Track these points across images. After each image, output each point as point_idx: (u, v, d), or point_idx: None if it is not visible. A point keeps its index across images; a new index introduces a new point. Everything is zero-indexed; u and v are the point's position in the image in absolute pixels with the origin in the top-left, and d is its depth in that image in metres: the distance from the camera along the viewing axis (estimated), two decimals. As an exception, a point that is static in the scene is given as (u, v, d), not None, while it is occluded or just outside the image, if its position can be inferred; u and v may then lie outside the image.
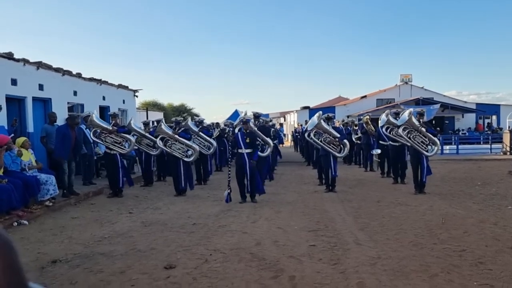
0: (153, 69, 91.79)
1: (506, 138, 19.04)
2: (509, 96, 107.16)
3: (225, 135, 14.38)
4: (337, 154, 9.35)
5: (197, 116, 16.51)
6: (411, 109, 9.64)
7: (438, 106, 27.62)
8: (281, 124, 41.10)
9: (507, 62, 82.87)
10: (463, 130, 33.30)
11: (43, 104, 11.16)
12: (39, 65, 10.84)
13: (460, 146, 20.59)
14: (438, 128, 22.25)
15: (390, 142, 10.70)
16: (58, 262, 4.77)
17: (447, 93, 40.88)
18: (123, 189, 9.23)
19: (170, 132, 9.42)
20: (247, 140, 8.08)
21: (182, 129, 9.76)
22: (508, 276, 4.08)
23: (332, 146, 9.28)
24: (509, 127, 22.98)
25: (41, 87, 10.88)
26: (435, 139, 9.00)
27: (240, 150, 8.13)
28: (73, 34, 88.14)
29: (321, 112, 9.82)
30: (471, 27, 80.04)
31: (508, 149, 18.60)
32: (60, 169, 8.44)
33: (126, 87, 16.81)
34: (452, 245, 5.15)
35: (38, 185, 7.47)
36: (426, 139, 8.92)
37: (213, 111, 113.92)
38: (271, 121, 17.86)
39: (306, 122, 18.17)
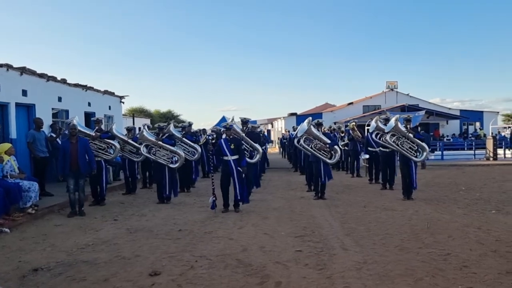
0: (140, 75, 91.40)
1: (489, 144, 19.35)
2: (492, 103, 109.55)
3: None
4: (328, 161, 9.23)
5: (183, 122, 16.32)
6: (398, 116, 9.68)
7: (423, 112, 28.00)
8: (268, 131, 41.13)
9: (490, 70, 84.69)
10: (447, 136, 33.81)
11: (27, 110, 10.99)
12: (23, 70, 10.69)
13: (444, 152, 20.85)
14: (426, 134, 22.49)
15: (380, 148, 10.73)
16: (40, 271, 4.67)
17: (431, 100, 41.59)
18: (105, 197, 9.08)
19: (153, 138, 9.26)
20: (232, 147, 7.93)
21: (166, 135, 9.63)
22: (491, 279, 4.12)
23: (323, 153, 9.24)
24: (492, 133, 23.39)
25: (24, 92, 10.72)
26: (424, 144, 9.01)
27: (225, 158, 7.96)
28: (59, 41, 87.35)
29: (311, 118, 9.76)
30: (454, 35, 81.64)
31: (491, 154, 18.90)
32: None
33: (112, 93, 16.67)
34: (437, 249, 5.19)
35: (20, 192, 7.32)
36: (414, 145, 8.96)
37: (201, 117, 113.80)
38: (258, 127, 17.85)
39: (294, 128, 18.23)
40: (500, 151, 19.58)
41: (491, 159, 18.76)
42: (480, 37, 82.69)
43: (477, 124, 36.90)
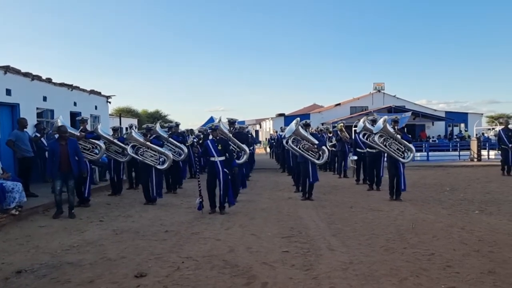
0: (127, 75, 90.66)
1: (473, 145, 19.65)
2: (477, 105, 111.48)
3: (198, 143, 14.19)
4: (316, 161, 9.24)
5: (171, 122, 16.22)
6: (386, 117, 9.75)
7: (409, 114, 28.32)
8: (256, 131, 41.15)
9: (474, 72, 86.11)
10: (433, 137, 34.26)
11: (11, 109, 10.81)
12: (7, 69, 10.51)
13: (430, 153, 21.12)
14: (410, 136, 22.75)
15: (368, 149, 10.81)
16: (24, 273, 4.60)
17: (418, 101, 42.12)
18: (90, 198, 8.97)
19: (141, 139, 9.14)
20: (219, 147, 7.82)
21: (154, 135, 9.54)
22: (474, 279, 4.19)
23: (311, 153, 9.24)
24: (476, 134, 23.76)
25: (8, 92, 10.54)
26: (411, 145, 9.08)
27: (212, 158, 7.85)
28: (45, 41, 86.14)
29: (299, 118, 9.76)
30: (441, 38, 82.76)
31: (475, 156, 19.20)
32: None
33: (98, 93, 16.49)
34: (421, 249, 5.26)
35: (4, 193, 7.20)
36: (402, 146, 9.03)
37: (189, 118, 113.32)
38: (247, 127, 17.83)
39: (282, 129, 18.26)
40: (484, 152, 19.90)
41: (475, 160, 19.06)
42: (466, 40, 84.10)
43: (462, 125, 37.49)
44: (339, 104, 40.62)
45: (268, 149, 32.50)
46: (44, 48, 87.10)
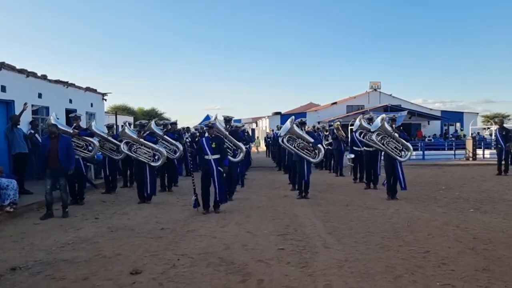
0: (124, 73, 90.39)
1: (468, 144, 19.74)
2: (472, 105, 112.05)
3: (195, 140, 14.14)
4: (311, 160, 9.23)
5: (167, 120, 16.18)
6: (384, 115, 9.71)
7: (405, 113, 28.40)
8: (252, 130, 41.13)
9: (470, 71, 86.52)
10: (429, 136, 34.37)
11: (6, 106, 10.75)
12: (2, 65, 10.45)
13: (426, 152, 21.20)
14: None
15: (364, 148, 10.81)
16: (18, 270, 4.58)
17: (413, 100, 42.23)
18: (84, 196, 8.91)
19: (134, 136, 9.04)
20: (213, 146, 7.72)
21: (148, 132, 9.47)
22: (468, 276, 4.20)
23: (306, 152, 9.23)
24: (471, 134, 23.87)
25: (3, 88, 10.49)
26: (408, 144, 9.05)
27: (206, 157, 7.75)
28: (39, 39, 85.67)
29: (293, 117, 9.74)
30: (437, 37, 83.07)
31: (470, 155, 19.29)
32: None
33: (94, 90, 16.42)
34: (416, 247, 5.28)
35: (-2, 190, 7.16)
36: (399, 145, 9.02)
37: (185, 116, 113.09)
38: (243, 126, 17.79)
39: (278, 127, 18.26)
40: (479, 152, 19.99)
41: (471, 159, 19.14)
42: (462, 39, 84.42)
43: (458, 124, 37.62)
44: (335, 103, 40.63)
45: (259, 148, 32.66)
46: (43, 47, 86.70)
